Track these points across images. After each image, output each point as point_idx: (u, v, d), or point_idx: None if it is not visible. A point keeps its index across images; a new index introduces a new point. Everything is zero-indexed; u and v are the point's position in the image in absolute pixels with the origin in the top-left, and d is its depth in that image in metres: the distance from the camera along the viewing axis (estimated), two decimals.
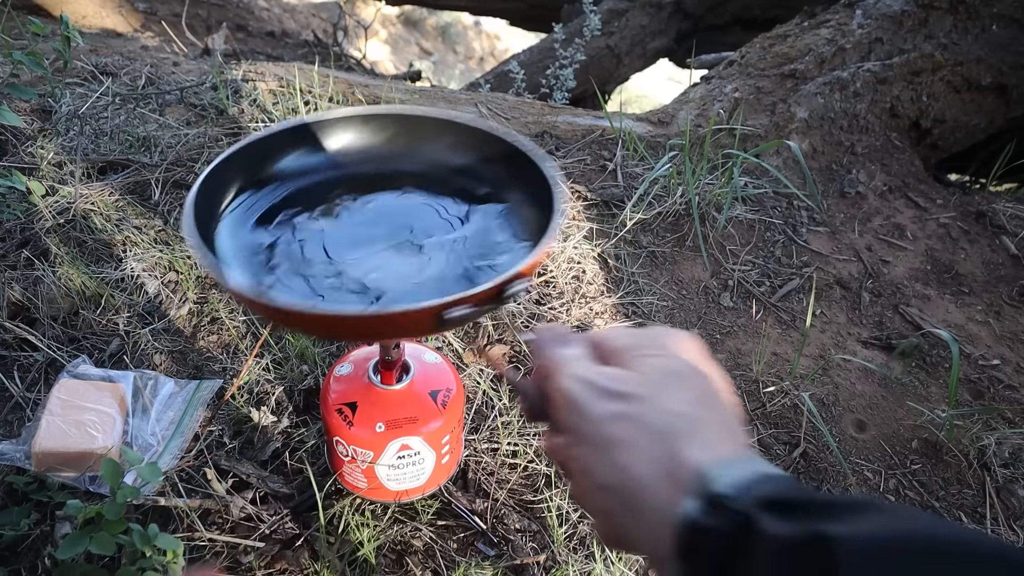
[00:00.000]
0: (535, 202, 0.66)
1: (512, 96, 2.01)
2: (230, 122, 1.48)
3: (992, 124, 1.96)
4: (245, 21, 3.76)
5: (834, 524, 0.26)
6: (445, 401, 0.77)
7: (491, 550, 0.87)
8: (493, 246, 0.65)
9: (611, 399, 0.34)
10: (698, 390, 0.34)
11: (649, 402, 0.33)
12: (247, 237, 0.64)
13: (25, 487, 0.82)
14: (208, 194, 0.61)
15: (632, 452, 0.32)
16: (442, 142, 0.72)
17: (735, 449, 0.32)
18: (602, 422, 0.33)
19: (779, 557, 0.26)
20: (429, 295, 0.55)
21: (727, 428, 0.33)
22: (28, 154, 1.31)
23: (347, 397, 0.76)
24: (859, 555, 0.24)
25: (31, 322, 1.05)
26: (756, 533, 0.27)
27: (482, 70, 6.58)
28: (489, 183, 0.70)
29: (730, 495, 0.28)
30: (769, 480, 0.29)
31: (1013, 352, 1.34)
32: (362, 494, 0.83)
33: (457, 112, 0.72)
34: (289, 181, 0.70)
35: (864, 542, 0.24)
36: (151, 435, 0.91)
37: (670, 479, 0.31)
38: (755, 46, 1.96)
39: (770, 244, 1.48)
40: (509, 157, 0.67)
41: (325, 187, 0.71)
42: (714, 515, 0.28)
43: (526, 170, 0.65)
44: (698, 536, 0.28)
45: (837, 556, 0.24)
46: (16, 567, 0.78)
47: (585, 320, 1.18)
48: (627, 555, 0.89)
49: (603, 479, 0.33)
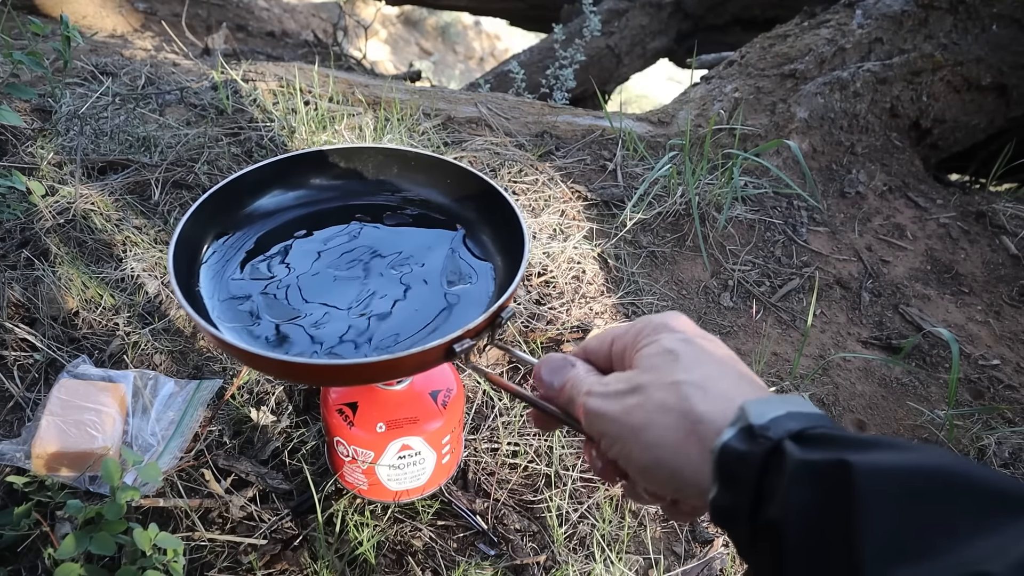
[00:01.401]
0: (490, 219, 0.71)
1: (512, 96, 2.01)
2: (230, 122, 1.48)
3: (992, 124, 1.96)
4: (245, 21, 3.76)
5: (855, 454, 0.29)
6: (445, 401, 0.77)
7: (491, 550, 0.87)
8: (463, 270, 0.68)
9: (622, 396, 0.39)
10: (696, 355, 0.39)
11: (654, 384, 0.38)
12: (228, 286, 0.66)
13: (25, 487, 0.82)
14: (186, 246, 0.63)
15: (653, 429, 0.37)
16: (407, 174, 0.76)
17: (757, 392, 0.37)
18: (621, 417, 0.38)
19: (803, 475, 0.30)
20: (419, 330, 0.58)
21: (739, 377, 0.38)
22: (28, 154, 1.31)
23: (348, 397, 0.76)
24: (873, 477, 0.28)
25: (31, 322, 1.05)
26: (784, 456, 0.31)
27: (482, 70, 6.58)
28: (459, 218, 0.74)
29: (763, 425, 0.32)
30: (799, 416, 0.33)
31: (1013, 352, 1.34)
32: (362, 494, 0.83)
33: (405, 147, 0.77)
34: (259, 223, 0.73)
35: (879, 468, 0.28)
36: (151, 435, 0.91)
37: (694, 435, 0.35)
38: (755, 46, 1.96)
39: (770, 244, 1.48)
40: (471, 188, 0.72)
41: (296, 225, 0.73)
42: (749, 443, 0.32)
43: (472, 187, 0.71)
44: (735, 461, 0.32)
45: (854, 477, 0.28)
46: (16, 567, 0.78)
47: (585, 320, 1.18)
48: (627, 555, 0.89)
49: (641, 462, 0.37)
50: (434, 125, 1.58)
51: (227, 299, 0.64)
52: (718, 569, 0.90)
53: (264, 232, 0.72)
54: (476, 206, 0.73)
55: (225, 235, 0.70)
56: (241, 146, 1.42)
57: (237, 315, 0.63)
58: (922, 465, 0.29)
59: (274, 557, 0.82)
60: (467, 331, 0.53)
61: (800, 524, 0.29)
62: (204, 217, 0.66)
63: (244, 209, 0.72)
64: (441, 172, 0.74)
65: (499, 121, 1.66)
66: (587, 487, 0.96)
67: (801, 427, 0.32)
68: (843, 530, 0.28)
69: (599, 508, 0.93)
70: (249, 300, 0.64)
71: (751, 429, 0.33)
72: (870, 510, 0.27)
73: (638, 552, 0.90)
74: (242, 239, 0.71)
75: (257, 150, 1.41)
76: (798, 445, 0.31)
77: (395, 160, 0.75)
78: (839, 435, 0.32)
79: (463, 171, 0.72)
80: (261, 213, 0.73)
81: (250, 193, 0.72)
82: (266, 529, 0.84)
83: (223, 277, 0.66)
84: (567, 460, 0.98)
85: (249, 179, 0.71)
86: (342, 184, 0.76)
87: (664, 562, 0.89)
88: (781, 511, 0.30)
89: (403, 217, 0.75)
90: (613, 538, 0.90)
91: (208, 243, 0.68)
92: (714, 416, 0.35)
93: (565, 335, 1.15)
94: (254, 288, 0.66)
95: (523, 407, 1.02)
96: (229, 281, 0.66)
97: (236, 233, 0.71)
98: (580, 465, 0.97)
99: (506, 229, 0.66)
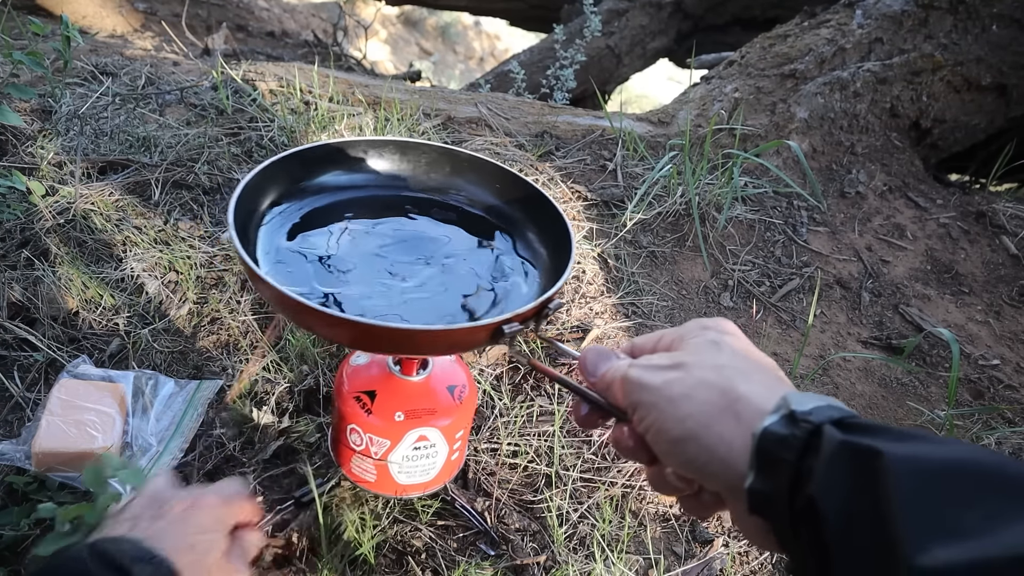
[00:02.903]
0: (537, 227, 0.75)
1: (512, 96, 2.01)
2: (230, 122, 1.48)
3: (992, 124, 1.96)
4: (245, 21, 3.76)
5: (892, 441, 0.30)
6: (462, 396, 0.77)
7: (492, 550, 0.87)
8: (508, 267, 0.72)
9: (663, 370, 0.40)
10: (741, 352, 0.40)
11: (697, 363, 0.39)
12: (280, 252, 0.69)
13: (25, 487, 0.82)
14: (244, 207, 0.65)
15: (691, 402, 0.37)
16: (475, 178, 0.80)
17: (792, 389, 0.37)
18: (660, 387, 0.39)
19: (843, 454, 0.31)
20: (460, 312, 0.63)
21: (778, 379, 0.39)
22: (28, 154, 1.31)
23: (366, 385, 0.76)
24: (910, 461, 0.29)
25: (31, 322, 1.05)
26: (824, 439, 0.32)
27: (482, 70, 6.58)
28: (504, 218, 0.78)
29: (805, 411, 0.33)
30: (839, 408, 0.34)
31: (1013, 352, 1.34)
32: (367, 487, 0.83)
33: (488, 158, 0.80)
34: (312, 197, 0.75)
35: (916, 454, 0.29)
36: (151, 435, 0.91)
37: (731, 412, 0.36)
38: (755, 46, 1.96)
39: (770, 244, 1.48)
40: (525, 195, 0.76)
41: (347, 207, 0.77)
42: (791, 427, 0.33)
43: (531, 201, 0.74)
44: (776, 444, 0.33)
45: (891, 461, 0.29)
46: (16, 567, 0.78)
47: (585, 320, 1.18)
48: (627, 555, 0.89)
49: (673, 433, 0.38)
50: (434, 125, 1.58)
51: (277, 263, 0.67)
52: (718, 569, 0.90)
53: (317, 207, 0.75)
54: (522, 208, 0.76)
55: (278, 204, 0.72)
56: (241, 146, 1.42)
57: (289, 278, 0.65)
58: (959, 455, 0.29)
59: (275, 557, 0.82)
60: (517, 315, 0.55)
61: (838, 504, 0.30)
62: (265, 181, 0.68)
63: (301, 183, 0.74)
64: (491, 175, 0.78)
65: (499, 121, 1.66)
66: (587, 487, 0.96)
67: (841, 416, 0.33)
68: (881, 509, 0.28)
69: (599, 508, 0.93)
70: (301, 265, 0.67)
71: (793, 415, 0.33)
72: (907, 490, 0.28)
73: (638, 552, 0.90)
74: (296, 209, 0.73)
75: (257, 150, 1.41)
76: (839, 430, 0.32)
77: (448, 159, 0.79)
78: (878, 424, 0.33)
79: (512, 176, 0.76)
80: (315, 188, 0.75)
81: (308, 167, 0.75)
82: (266, 529, 0.84)
83: (274, 243, 0.69)
84: (567, 460, 0.98)
85: (310, 155, 0.73)
86: (394, 174, 0.79)
87: (664, 562, 0.89)
88: (820, 490, 0.30)
89: (450, 213, 0.78)
90: (613, 538, 0.90)
91: (264, 208, 0.71)
92: (753, 398, 0.36)
93: (565, 335, 1.15)
94: (305, 256, 0.68)
95: (523, 407, 1.02)
96: (280, 246, 0.68)
97: (290, 203, 0.73)
98: (580, 465, 0.97)
99: (552, 229, 0.70)
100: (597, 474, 0.97)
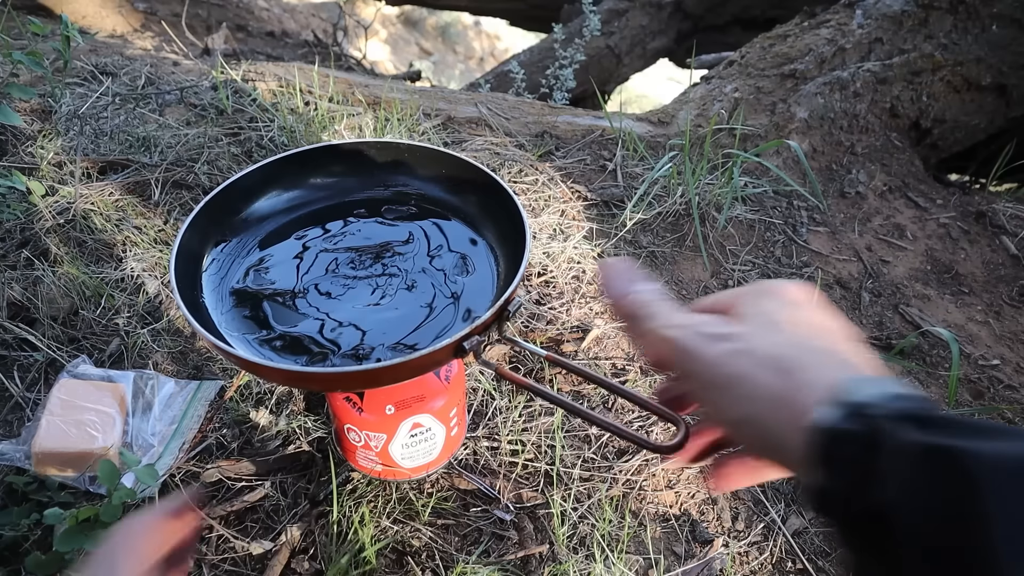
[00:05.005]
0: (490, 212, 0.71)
1: (512, 96, 2.01)
2: (230, 122, 1.48)
3: (992, 124, 1.96)
4: (245, 21, 3.76)
5: (972, 441, 0.26)
6: (448, 376, 0.77)
7: (507, 515, 0.88)
8: (466, 263, 0.69)
9: (718, 340, 0.36)
10: (804, 324, 0.36)
11: (756, 338, 0.35)
12: (232, 295, 0.66)
13: (25, 487, 0.82)
14: (186, 257, 0.63)
15: (750, 384, 0.34)
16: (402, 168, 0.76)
17: (864, 369, 0.34)
18: (715, 364, 0.35)
19: (916, 464, 0.27)
20: (423, 322, 0.61)
21: (847, 354, 0.35)
22: (28, 154, 1.31)
23: None
24: (998, 469, 0.25)
25: (31, 322, 1.05)
26: (892, 439, 0.28)
27: (482, 70, 6.58)
28: (455, 208, 0.74)
29: (867, 403, 0.30)
30: (905, 398, 0.30)
31: (1013, 352, 1.34)
32: (377, 476, 0.84)
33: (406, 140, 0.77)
34: (256, 227, 0.73)
35: (1004, 459, 0.26)
36: (151, 435, 0.91)
37: (790, 401, 0.32)
38: (755, 46, 1.96)
39: (770, 244, 1.48)
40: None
41: (294, 226, 0.73)
42: (852, 422, 0.29)
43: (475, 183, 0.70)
44: (835, 442, 0.30)
45: (976, 469, 0.25)
46: (16, 567, 0.78)
47: (585, 320, 1.18)
48: (627, 555, 0.89)
49: (730, 415, 0.35)
50: (434, 125, 1.58)
51: (231, 309, 0.64)
52: (718, 569, 0.90)
53: (262, 236, 0.72)
54: (476, 199, 0.73)
55: (223, 242, 0.70)
56: (241, 146, 1.42)
57: (244, 324, 0.63)
58: None
59: (275, 557, 0.82)
60: (475, 328, 0.53)
61: (918, 518, 0.26)
62: (202, 226, 0.66)
63: (240, 215, 0.72)
64: (437, 164, 0.74)
65: (499, 121, 1.66)
66: (587, 487, 0.96)
67: (910, 408, 0.30)
68: (971, 522, 0.25)
69: (599, 508, 0.93)
70: (255, 307, 0.64)
71: (852, 406, 0.30)
72: (1005, 499, 0.25)
73: (638, 552, 0.90)
74: (241, 245, 0.71)
75: (257, 150, 1.41)
76: (911, 426, 0.29)
77: (390, 153, 0.75)
78: (951, 417, 0.29)
79: (461, 162, 0.72)
80: (257, 217, 0.73)
81: (244, 198, 0.72)
82: (266, 528, 0.84)
83: (226, 285, 0.66)
84: (567, 459, 0.98)
85: (242, 184, 0.70)
86: (337, 182, 0.76)
87: (664, 562, 0.89)
88: (893, 494, 0.27)
89: (402, 212, 0.75)
90: (613, 538, 0.90)
91: (208, 252, 0.68)
92: (812, 384, 0.32)
93: (565, 335, 1.15)
94: (258, 295, 0.66)
95: (523, 407, 1.02)
96: (232, 289, 0.66)
97: (234, 239, 0.71)
98: (580, 464, 0.97)
99: (507, 221, 0.66)
100: (597, 472, 0.97)
